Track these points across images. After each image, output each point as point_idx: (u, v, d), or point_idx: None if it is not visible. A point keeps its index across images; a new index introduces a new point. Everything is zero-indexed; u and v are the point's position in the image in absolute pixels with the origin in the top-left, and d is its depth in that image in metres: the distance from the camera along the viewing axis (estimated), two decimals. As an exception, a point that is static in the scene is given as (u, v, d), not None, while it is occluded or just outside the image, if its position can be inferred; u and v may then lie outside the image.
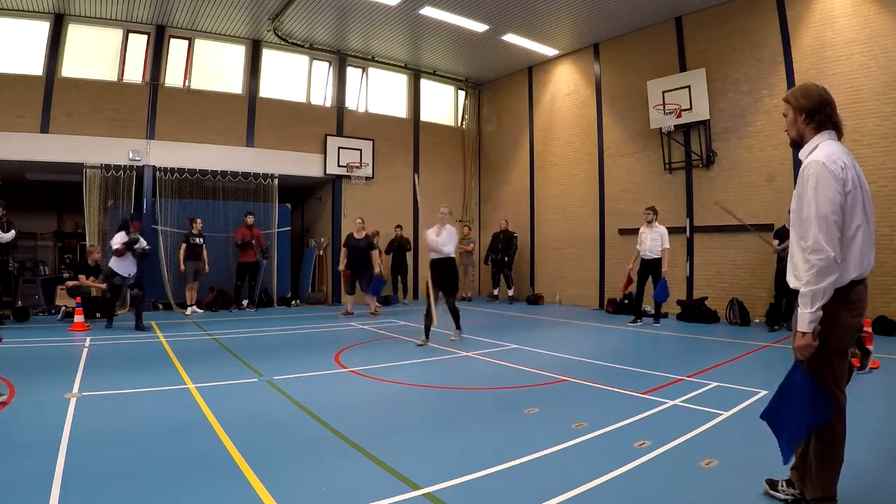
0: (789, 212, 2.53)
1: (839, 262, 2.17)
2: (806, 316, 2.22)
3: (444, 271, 7.28)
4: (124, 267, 8.29)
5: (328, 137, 12.74)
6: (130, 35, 10.93)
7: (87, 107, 10.38)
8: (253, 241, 11.06)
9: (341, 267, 10.77)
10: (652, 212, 8.92)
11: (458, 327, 7.50)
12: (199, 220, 10.84)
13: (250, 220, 11.13)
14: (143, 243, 8.50)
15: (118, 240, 8.21)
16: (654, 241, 8.80)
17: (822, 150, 2.27)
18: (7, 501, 2.57)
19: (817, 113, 2.34)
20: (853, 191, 2.23)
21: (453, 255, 7.40)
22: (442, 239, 7.24)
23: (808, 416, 2.29)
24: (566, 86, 12.95)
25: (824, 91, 2.38)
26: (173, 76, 11.36)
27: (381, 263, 10.91)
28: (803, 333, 2.24)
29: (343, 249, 10.70)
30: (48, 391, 4.49)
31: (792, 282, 2.37)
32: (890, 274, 7.66)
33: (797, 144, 2.44)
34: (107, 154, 10.48)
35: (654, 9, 10.35)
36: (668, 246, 8.79)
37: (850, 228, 2.23)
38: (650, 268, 8.87)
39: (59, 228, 13.62)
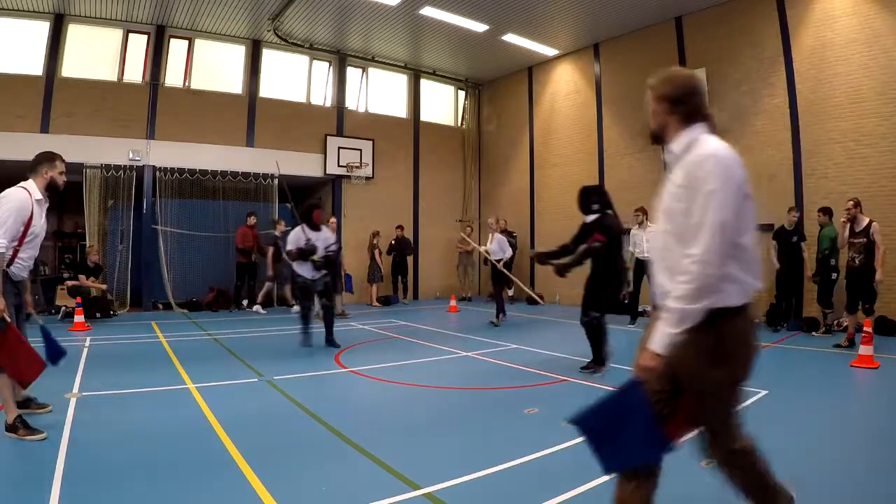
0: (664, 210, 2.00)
1: (728, 275, 1.77)
2: (666, 336, 1.76)
3: (495, 271, 9.32)
4: (306, 268, 6.78)
5: (328, 137, 12.74)
6: (130, 35, 10.93)
7: (87, 107, 10.37)
8: (249, 245, 10.98)
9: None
10: (642, 213, 8.90)
11: (501, 314, 9.11)
12: (282, 222, 10.93)
13: (252, 220, 11.09)
14: (323, 247, 6.81)
15: (293, 241, 6.75)
16: (648, 241, 8.80)
17: (710, 144, 1.85)
18: (7, 501, 2.57)
19: (682, 102, 1.96)
20: (749, 192, 1.85)
21: (502, 258, 9.27)
22: (493, 248, 9.35)
23: (639, 450, 1.85)
24: (566, 86, 12.95)
25: (693, 78, 2.04)
26: (173, 76, 11.36)
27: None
28: (656, 355, 1.77)
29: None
30: (48, 391, 4.48)
31: (667, 283, 1.86)
32: (890, 274, 7.65)
33: (657, 138, 2.06)
34: (107, 154, 10.48)
35: (654, 9, 10.35)
36: None
37: (748, 236, 1.85)
38: (646, 268, 8.86)
39: (59, 228, 13.62)
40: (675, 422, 1.92)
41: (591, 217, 5.63)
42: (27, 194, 3.62)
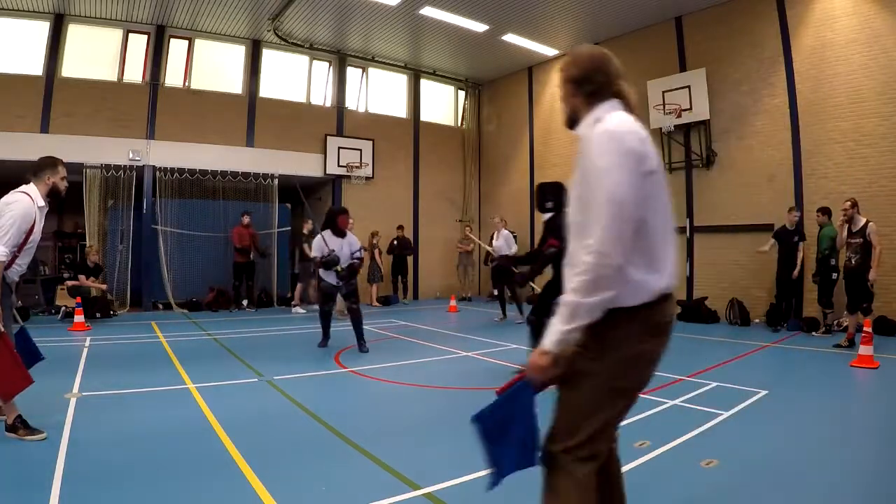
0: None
1: (625, 271, 1.55)
2: (556, 333, 1.56)
3: (498, 271, 9.31)
4: (332, 275, 6.62)
5: (328, 137, 12.74)
6: (130, 35, 10.92)
7: (87, 107, 10.37)
8: (246, 244, 10.96)
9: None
10: None
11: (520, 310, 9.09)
12: (309, 221, 11.08)
13: (246, 220, 11.07)
14: (350, 253, 6.64)
15: (316, 248, 6.57)
16: None
17: (610, 121, 1.67)
18: (7, 501, 2.57)
19: (587, 81, 1.80)
20: (655, 171, 1.60)
21: (509, 254, 9.30)
22: (499, 244, 9.48)
23: (519, 455, 1.72)
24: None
25: (598, 53, 1.85)
26: (173, 76, 11.36)
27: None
28: (544, 352, 1.58)
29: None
30: (48, 391, 4.48)
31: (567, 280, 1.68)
32: (889, 274, 7.66)
33: (572, 122, 1.90)
34: (107, 154, 10.48)
35: (654, 9, 10.35)
36: None
37: (658, 225, 1.61)
38: None
39: (59, 228, 13.63)
40: None
41: (546, 216, 5.22)
42: (31, 201, 3.57)
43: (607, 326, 1.59)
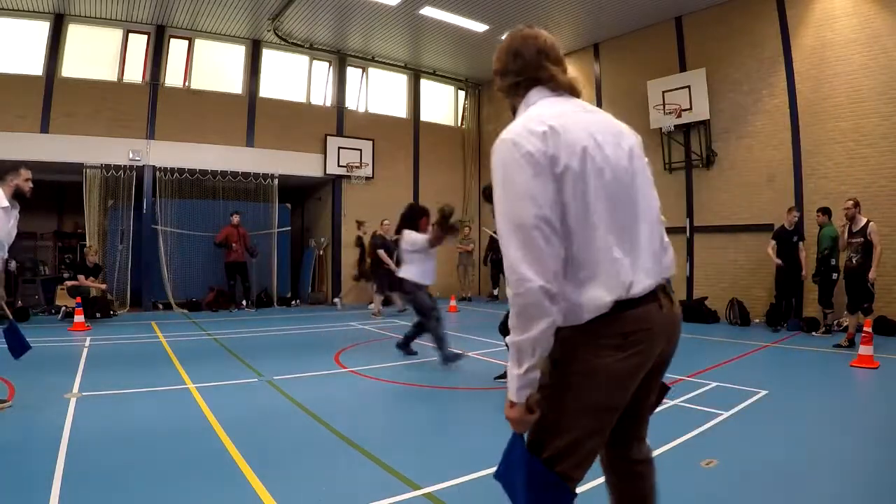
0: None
1: (555, 292, 1.31)
2: (513, 379, 1.37)
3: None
4: (428, 273, 5.99)
5: (328, 137, 12.74)
6: (130, 35, 10.93)
7: (87, 107, 10.37)
8: (235, 243, 10.92)
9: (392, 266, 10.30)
10: None
11: None
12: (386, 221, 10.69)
13: (236, 219, 11.05)
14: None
15: (415, 241, 5.93)
16: None
17: (518, 120, 1.47)
18: (7, 501, 2.57)
19: (506, 72, 1.61)
20: (574, 166, 1.35)
21: None
22: None
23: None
24: (566, 86, 12.92)
25: (514, 36, 1.63)
26: (173, 76, 11.36)
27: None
28: (512, 403, 1.40)
29: (381, 251, 10.28)
30: (48, 391, 4.49)
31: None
32: (890, 274, 7.66)
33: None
34: (107, 154, 10.48)
35: (654, 9, 10.35)
36: None
37: (587, 229, 1.37)
38: None
39: (59, 228, 13.61)
40: None
41: None
42: None
43: (556, 339, 1.39)
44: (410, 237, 5.96)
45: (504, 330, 4.96)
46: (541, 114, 1.43)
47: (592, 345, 1.40)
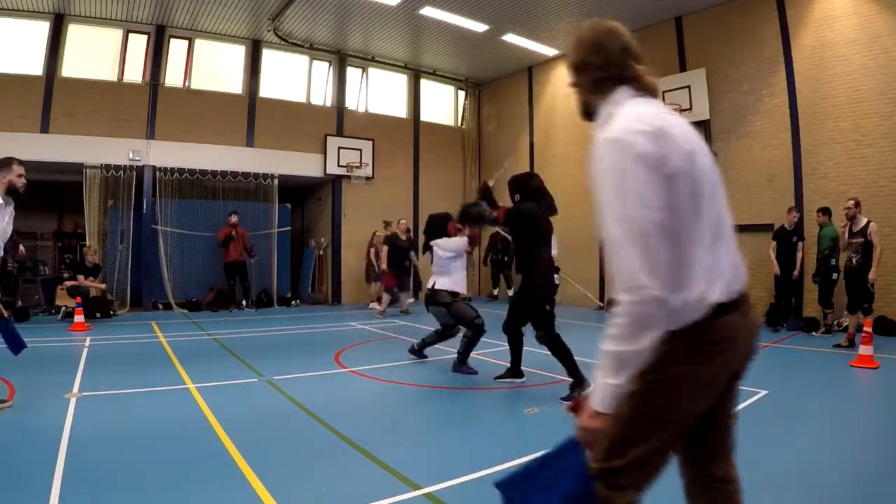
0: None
1: (666, 301, 1.27)
2: (606, 388, 1.32)
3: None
4: (461, 278, 5.98)
5: (328, 137, 12.74)
6: (130, 35, 10.93)
7: (87, 107, 10.37)
8: (233, 241, 10.92)
9: (385, 266, 10.32)
10: None
11: None
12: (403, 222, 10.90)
13: (234, 219, 11.04)
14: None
15: (460, 245, 5.87)
16: None
17: (616, 119, 1.40)
18: (7, 501, 2.57)
19: (589, 67, 1.52)
20: (683, 168, 1.32)
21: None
22: None
23: None
24: (566, 86, 12.68)
25: (600, 31, 1.56)
26: (173, 76, 11.36)
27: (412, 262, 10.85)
28: (597, 413, 1.34)
29: (384, 248, 10.36)
30: (48, 391, 4.49)
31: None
32: (890, 274, 7.66)
33: (587, 114, 1.61)
34: (107, 154, 10.48)
35: (654, 9, 10.35)
36: None
37: (694, 232, 1.34)
38: None
39: (59, 228, 13.61)
40: None
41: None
42: None
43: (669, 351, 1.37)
44: (448, 243, 5.81)
45: (510, 326, 4.95)
46: (640, 113, 1.38)
47: (681, 351, 1.34)
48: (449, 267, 5.78)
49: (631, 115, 1.38)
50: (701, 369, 1.36)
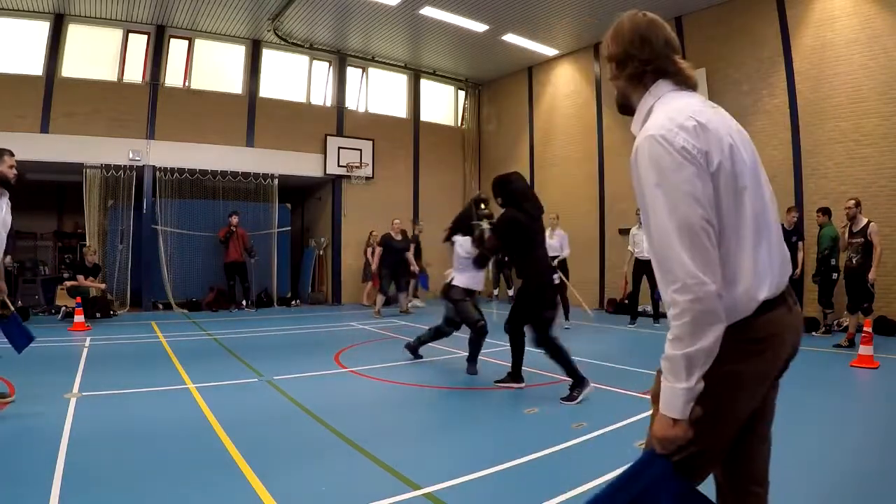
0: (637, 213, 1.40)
1: (723, 294, 1.26)
2: (679, 394, 1.26)
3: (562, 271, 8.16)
4: (477, 277, 5.81)
5: (328, 137, 12.74)
6: (130, 35, 10.93)
7: (87, 107, 10.37)
8: (233, 241, 10.93)
9: (375, 267, 10.31)
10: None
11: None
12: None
13: (234, 220, 11.03)
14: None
15: (465, 246, 5.67)
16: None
17: (657, 114, 1.39)
18: (7, 501, 2.57)
19: (628, 60, 1.47)
20: (726, 164, 1.31)
21: (560, 256, 8.64)
22: (553, 244, 8.38)
23: None
24: (566, 86, 12.94)
25: (641, 22, 1.49)
26: (173, 76, 11.36)
27: (412, 263, 10.85)
28: (674, 421, 1.28)
29: (378, 249, 10.38)
30: (48, 391, 4.49)
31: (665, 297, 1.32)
32: (889, 274, 7.66)
33: (624, 108, 1.57)
34: (107, 154, 10.48)
35: (654, 9, 10.15)
36: None
37: (737, 228, 1.33)
38: (645, 268, 8.83)
39: (59, 228, 13.61)
40: None
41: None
42: None
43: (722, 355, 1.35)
44: (468, 245, 5.62)
45: (511, 330, 4.93)
46: (682, 108, 1.36)
47: (731, 350, 1.30)
48: (468, 265, 5.63)
49: (672, 110, 1.36)
50: (750, 366, 1.34)
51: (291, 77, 12.78)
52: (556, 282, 4.79)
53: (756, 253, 1.34)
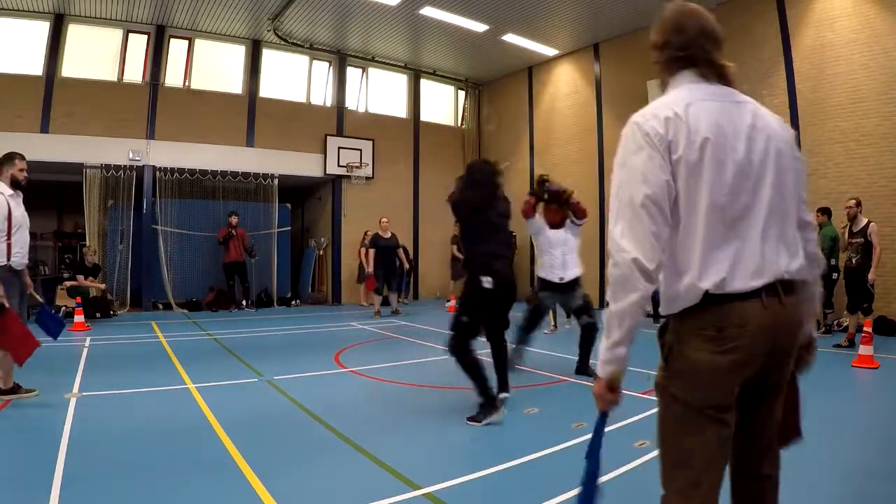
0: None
1: (650, 268, 1.34)
2: (602, 353, 1.40)
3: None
4: (551, 263, 5.26)
5: (328, 137, 12.74)
6: (130, 35, 10.93)
7: (87, 107, 10.37)
8: (233, 241, 10.93)
9: (370, 269, 10.11)
10: None
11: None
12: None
13: (234, 220, 11.03)
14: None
15: (534, 224, 5.31)
16: None
17: (656, 101, 1.49)
18: (7, 501, 2.57)
19: (667, 46, 1.54)
20: (690, 156, 1.36)
21: None
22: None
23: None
24: (566, 86, 12.95)
25: (681, 10, 1.55)
26: (173, 76, 11.36)
27: (403, 261, 10.83)
28: (598, 379, 1.44)
29: (370, 251, 10.19)
30: (48, 391, 4.49)
31: None
32: (889, 274, 7.66)
33: None
34: (107, 154, 10.48)
35: (654, 9, 10.19)
36: None
37: (691, 216, 1.37)
38: None
39: (59, 228, 13.62)
40: None
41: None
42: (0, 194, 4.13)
43: (667, 331, 1.46)
44: (534, 224, 5.27)
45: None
46: (674, 99, 1.44)
47: (691, 337, 1.38)
48: (539, 248, 5.31)
49: (663, 100, 1.45)
50: (708, 357, 1.35)
51: (291, 77, 12.78)
52: (486, 286, 3.92)
53: (710, 246, 1.36)
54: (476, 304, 3.99)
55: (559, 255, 5.19)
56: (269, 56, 12.37)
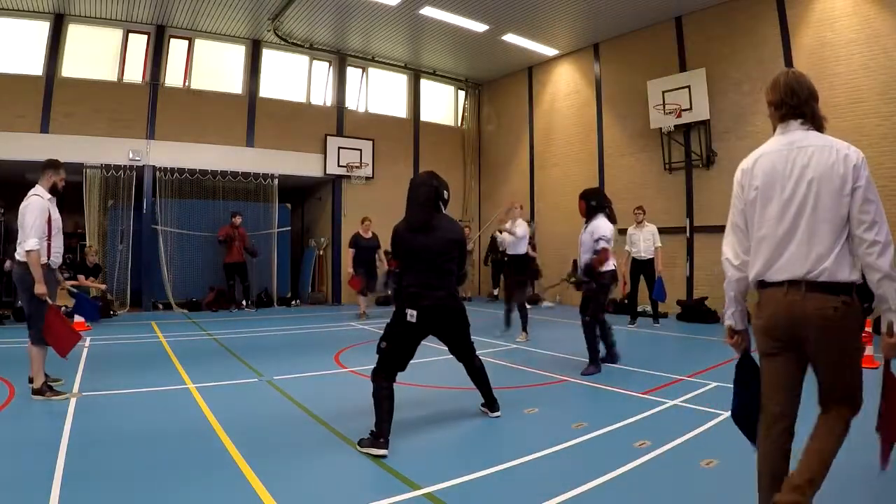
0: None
1: (735, 264, 2.21)
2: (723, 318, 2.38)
3: (516, 266, 7.69)
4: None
5: (328, 137, 12.74)
6: (130, 35, 10.92)
7: (87, 107, 10.37)
8: (236, 242, 10.92)
9: (350, 269, 9.99)
10: (642, 211, 8.89)
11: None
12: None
13: (237, 220, 11.02)
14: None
15: (608, 233, 5.79)
16: (646, 241, 8.73)
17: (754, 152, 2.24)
18: (7, 501, 2.57)
19: (781, 105, 2.17)
20: (751, 196, 2.15)
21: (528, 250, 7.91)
22: (519, 232, 7.54)
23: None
24: (566, 86, 12.95)
25: (794, 78, 2.16)
26: (173, 76, 11.36)
27: (383, 262, 10.82)
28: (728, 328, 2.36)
29: (351, 251, 10.11)
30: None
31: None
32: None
33: None
34: (107, 154, 10.48)
35: (654, 9, 10.35)
36: (660, 244, 8.75)
37: (757, 230, 2.14)
38: (643, 268, 8.81)
39: (59, 228, 13.63)
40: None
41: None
42: (41, 198, 4.53)
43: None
44: (600, 229, 5.83)
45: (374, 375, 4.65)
46: (759, 150, 2.20)
47: (756, 309, 2.19)
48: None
49: (760, 148, 2.22)
50: (757, 320, 2.19)
51: (291, 77, 12.77)
52: (410, 319, 3.55)
53: (760, 252, 2.14)
54: (396, 334, 3.64)
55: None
56: (269, 56, 12.37)
